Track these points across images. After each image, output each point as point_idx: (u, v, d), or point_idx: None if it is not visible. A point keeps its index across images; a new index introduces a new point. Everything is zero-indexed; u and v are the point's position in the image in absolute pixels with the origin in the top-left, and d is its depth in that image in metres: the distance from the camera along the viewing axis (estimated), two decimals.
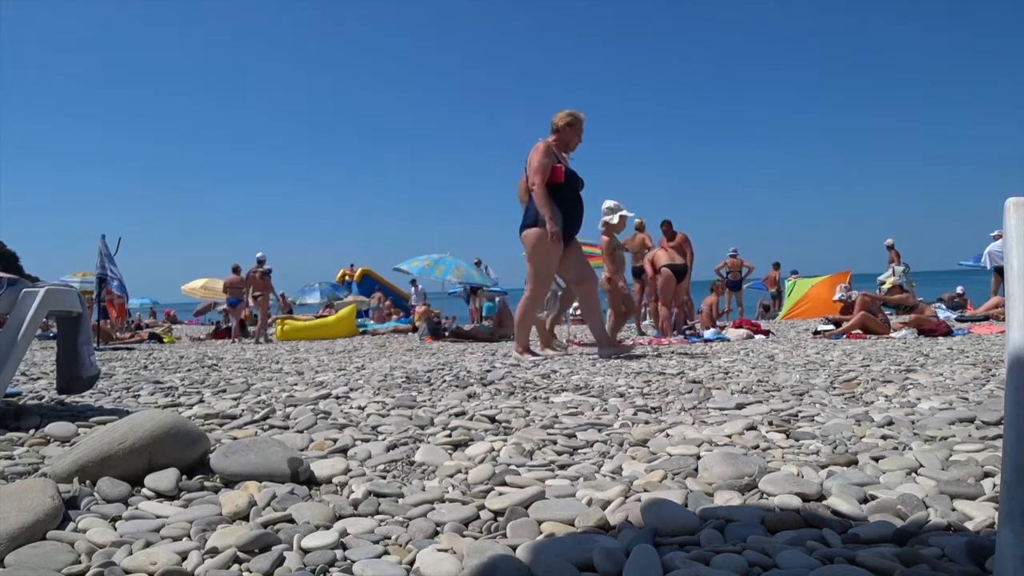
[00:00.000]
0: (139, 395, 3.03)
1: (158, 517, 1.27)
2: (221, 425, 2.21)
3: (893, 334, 7.10)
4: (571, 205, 4.98)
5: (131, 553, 1.08)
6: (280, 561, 1.06)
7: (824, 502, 1.30)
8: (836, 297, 8.39)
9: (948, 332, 6.99)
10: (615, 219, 6.42)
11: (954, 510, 1.24)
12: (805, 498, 1.31)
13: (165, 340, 10.70)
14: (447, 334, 9.04)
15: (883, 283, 12.47)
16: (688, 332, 7.91)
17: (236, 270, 11.99)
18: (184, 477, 1.50)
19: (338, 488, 1.47)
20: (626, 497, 1.34)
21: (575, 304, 8.53)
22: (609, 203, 6.45)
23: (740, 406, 2.39)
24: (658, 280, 8.28)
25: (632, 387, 3.00)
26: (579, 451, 1.78)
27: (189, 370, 4.46)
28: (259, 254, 11.23)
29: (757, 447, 1.76)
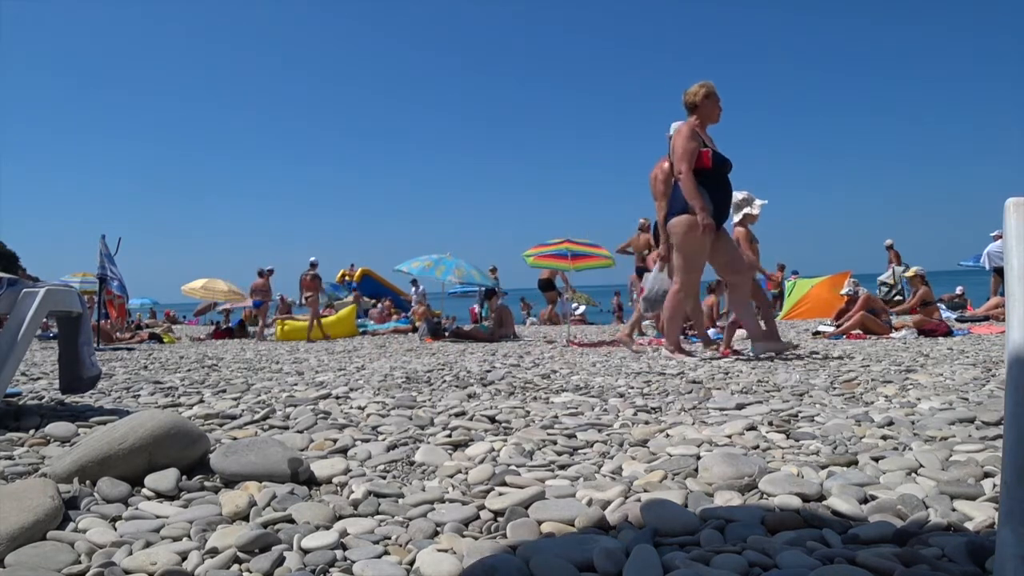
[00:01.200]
0: (139, 395, 3.03)
1: (158, 517, 1.27)
2: (221, 425, 2.21)
3: (893, 334, 7.09)
4: (720, 191, 4.70)
5: (131, 553, 1.08)
6: (280, 561, 1.06)
7: (824, 502, 1.30)
8: (843, 291, 8.29)
9: (948, 332, 6.99)
10: (755, 209, 5.90)
11: (954, 510, 1.24)
12: (805, 498, 1.31)
13: (165, 340, 10.69)
14: (447, 334, 9.04)
15: (884, 283, 12.39)
16: (688, 332, 7.90)
17: (262, 274, 12.65)
18: (184, 477, 1.50)
19: (338, 488, 1.47)
20: (626, 497, 1.34)
21: (575, 304, 8.53)
22: (739, 194, 5.85)
23: (740, 406, 2.39)
24: None
25: (632, 387, 3.00)
26: (579, 451, 1.78)
27: (189, 370, 4.46)
28: (312, 259, 11.65)
29: (757, 447, 1.76)
